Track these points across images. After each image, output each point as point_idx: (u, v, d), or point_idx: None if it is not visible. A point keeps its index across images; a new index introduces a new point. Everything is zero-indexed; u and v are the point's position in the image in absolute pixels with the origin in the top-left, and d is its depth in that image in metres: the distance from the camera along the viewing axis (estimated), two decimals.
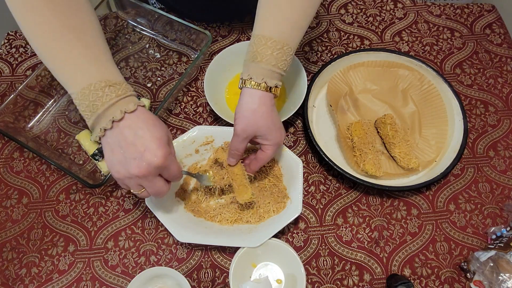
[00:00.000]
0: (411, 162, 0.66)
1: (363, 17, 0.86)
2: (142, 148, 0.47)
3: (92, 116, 0.48)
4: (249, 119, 0.54)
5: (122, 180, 0.50)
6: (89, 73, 0.49)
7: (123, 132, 0.48)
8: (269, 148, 0.57)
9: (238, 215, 0.64)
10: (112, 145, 0.49)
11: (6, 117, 0.70)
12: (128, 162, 0.48)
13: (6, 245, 0.66)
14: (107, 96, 0.47)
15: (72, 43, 0.49)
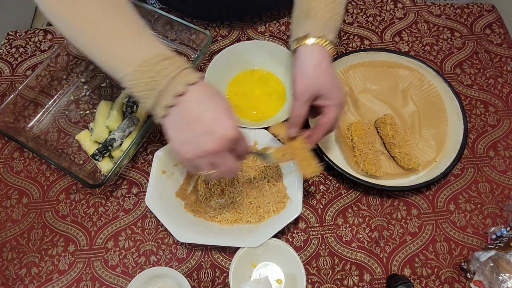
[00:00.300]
0: (411, 162, 0.67)
1: (363, 17, 0.86)
2: (212, 121, 0.43)
3: (153, 94, 0.43)
4: (310, 77, 0.51)
5: (192, 161, 0.45)
6: (141, 49, 0.45)
7: (189, 107, 0.43)
8: (332, 109, 0.53)
9: (238, 215, 0.64)
10: (176, 124, 0.44)
11: (6, 117, 0.70)
12: (199, 139, 0.43)
13: (6, 245, 0.66)
14: (167, 70, 0.43)
15: (118, 22, 0.46)
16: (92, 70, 0.81)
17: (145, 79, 0.43)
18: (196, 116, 0.43)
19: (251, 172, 0.68)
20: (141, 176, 0.71)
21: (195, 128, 0.43)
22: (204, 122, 0.43)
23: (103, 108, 0.74)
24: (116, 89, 0.79)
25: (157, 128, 0.75)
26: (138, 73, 0.43)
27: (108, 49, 0.46)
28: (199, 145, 0.43)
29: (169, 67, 0.43)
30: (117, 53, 0.45)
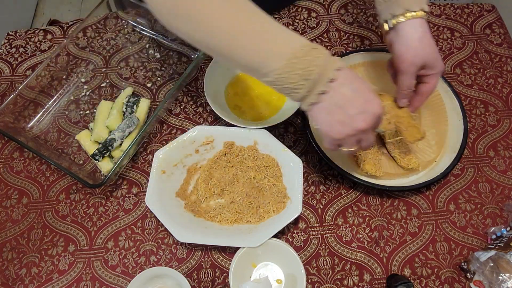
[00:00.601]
0: (411, 162, 0.67)
1: (363, 17, 0.86)
2: (364, 102, 0.47)
3: (307, 83, 0.45)
4: (417, 49, 0.54)
5: (341, 140, 0.49)
6: (287, 42, 0.46)
7: (340, 91, 0.46)
8: (434, 78, 0.57)
9: (238, 215, 0.64)
10: (329, 107, 0.47)
11: (6, 117, 0.70)
12: (352, 118, 0.46)
13: (6, 245, 0.66)
14: (318, 59, 0.45)
15: (261, 18, 0.47)
16: (92, 70, 0.81)
17: (298, 71, 0.45)
18: (347, 98, 0.46)
19: (251, 172, 0.68)
20: (141, 176, 0.71)
21: (348, 109, 0.46)
22: (356, 103, 0.46)
23: (103, 108, 0.74)
24: (116, 89, 0.79)
25: (157, 128, 0.75)
26: (291, 65, 0.45)
27: (253, 46, 0.46)
28: (352, 124, 0.47)
29: (318, 56, 0.45)
30: (264, 49, 0.46)
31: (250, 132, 0.68)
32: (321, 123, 0.49)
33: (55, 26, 0.87)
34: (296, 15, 0.87)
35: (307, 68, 0.45)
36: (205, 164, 0.69)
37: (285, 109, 0.73)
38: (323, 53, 0.46)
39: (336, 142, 0.50)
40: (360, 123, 0.47)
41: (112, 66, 0.81)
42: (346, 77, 0.47)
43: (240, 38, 0.46)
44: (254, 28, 0.46)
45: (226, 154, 0.69)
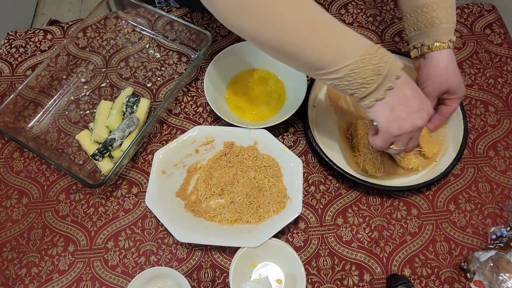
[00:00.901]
0: (411, 162, 0.67)
1: (363, 17, 0.86)
2: (419, 101, 0.50)
3: (378, 79, 0.47)
4: (442, 77, 0.60)
5: (398, 137, 0.52)
6: (358, 39, 0.48)
7: (402, 89, 0.49)
8: (455, 101, 0.63)
9: (238, 215, 0.64)
10: (392, 103, 0.49)
11: (6, 117, 0.70)
12: (412, 116, 0.50)
13: (6, 245, 0.66)
14: (386, 57, 0.48)
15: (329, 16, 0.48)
16: (92, 70, 0.81)
17: (371, 66, 0.47)
18: (408, 97, 0.50)
19: (251, 172, 0.68)
20: (141, 176, 0.71)
21: (409, 106, 0.50)
22: (415, 102, 0.50)
23: (103, 108, 0.74)
24: (116, 89, 0.79)
25: (157, 128, 0.75)
26: (365, 61, 0.47)
27: (328, 42, 0.47)
28: (412, 121, 0.50)
29: (386, 55, 0.48)
30: (338, 44, 0.47)
31: (250, 132, 0.68)
32: (383, 118, 0.51)
33: (55, 26, 0.87)
34: None
35: (379, 64, 0.47)
36: (205, 164, 0.69)
37: (285, 109, 0.73)
38: (388, 52, 0.49)
39: (392, 139, 0.52)
40: (418, 120, 0.50)
41: (112, 66, 0.81)
42: (406, 77, 0.50)
43: (315, 34, 0.47)
44: (327, 25, 0.48)
45: (226, 154, 0.69)
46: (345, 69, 0.47)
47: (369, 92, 0.49)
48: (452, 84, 0.61)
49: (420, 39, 0.62)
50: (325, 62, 0.48)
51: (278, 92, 0.75)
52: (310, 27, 0.47)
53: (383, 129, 0.52)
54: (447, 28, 0.59)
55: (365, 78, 0.47)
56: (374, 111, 0.51)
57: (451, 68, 0.60)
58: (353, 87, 0.49)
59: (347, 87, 0.49)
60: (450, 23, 0.59)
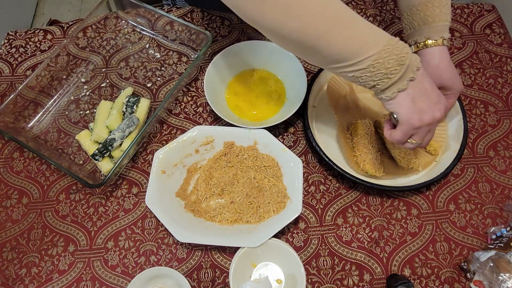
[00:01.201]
0: (411, 162, 0.67)
1: (363, 17, 0.86)
2: (437, 94, 0.51)
3: (401, 69, 0.48)
4: (433, 75, 0.60)
5: (418, 129, 0.52)
6: (379, 31, 0.49)
7: (422, 81, 0.50)
8: (451, 97, 0.62)
9: (238, 215, 0.64)
10: (413, 95, 0.50)
11: (6, 117, 0.70)
12: (432, 108, 0.50)
13: (6, 245, 0.66)
14: (406, 48, 0.48)
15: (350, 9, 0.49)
16: (92, 70, 0.81)
17: (394, 56, 0.47)
18: (427, 89, 0.50)
19: (251, 172, 0.68)
20: (141, 176, 0.71)
21: (429, 98, 0.50)
22: (433, 94, 0.51)
23: (103, 108, 0.74)
24: (116, 89, 0.79)
25: (157, 128, 0.75)
26: (388, 51, 0.47)
27: (352, 33, 0.48)
28: (433, 113, 0.51)
29: (406, 46, 0.48)
30: (362, 35, 0.48)
31: (250, 132, 0.68)
32: (405, 110, 0.51)
33: (55, 26, 0.87)
34: None
35: (401, 54, 0.47)
36: (205, 164, 0.69)
37: (285, 109, 0.73)
38: (406, 45, 0.49)
39: (412, 131, 0.52)
40: (437, 112, 0.51)
41: (112, 66, 0.81)
42: (424, 70, 0.51)
43: (338, 25, 0.47)
44: (350, 16, 0.48)
45: (226, 154, 0.69)
46: (369, 59, 0.47)
47: (392, 83, 0.48)
48: (444, 81, 0.61)
49: (414, 37, 0.63)
50: (348, 54, 0.48)
51: (278, 92, 0.75)
52: (334, 18, 0.47)
53: (404, 121, 0.51)
54: (439, 26, 0.59)
55: (389, 68, 0.47)
56: (396, 103, 0.50)
57: (442, 65, 0.60)
58: (376, 78, 0.48)
59: (369, 78, 0.49)
60: (443, 21, 0.60)
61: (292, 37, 0.48)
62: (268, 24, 0.48)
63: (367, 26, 0.49)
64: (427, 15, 0.60)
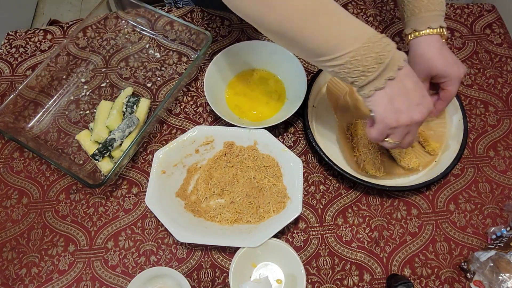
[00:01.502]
0: (411, 162, 0.66)
1: (363, 17, 0.86)
2: (420, 95, 0.50)
3: (379, 67, 0.47)
4: (420, 64, 0.60)
5: (394, 129, 0.51)
6: (361, 27, 0.48)
7: (403, 80, 0.49)
8: (450, 84, 0.60)
9: (238, 215, 0.64)
10: (392, 94, 0.49)
11: (6, 117, 0.70)
12: (411, 109, 0.49)
13: (6, 245, 0.66)
14: (389, 46, 0.47)
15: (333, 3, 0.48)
16: (92, 70, 0.81)
17: (373, 54, 0.46)
18: (408, 89, 0.49)
19: (251, 172, 0.68)
20: (141, 176, 0.71)
21: (409, 99, 0.49)
22: (415, 95, 0.49)
23: (103, 108, 0.74)
24: (116, 89, 0.79)
25: (157, 128, 0.75)
26: (367, 48, 0.46)
27: (330, 27, 0.47)
28: (411, 115, 0.49)
29: (389, 44, 0.48)
30: (341, 31, 0.47)
31: (250, 132, 0.68)
32: (381, 109, 0.50)
33: (55, 26, 0.87)
34: None
35: (381, 53, 0.46)
36: (205, 164, 0.69)
37: (285, 109, 0.73)
38: (392, 42, 0.48)
39: (388, 131, 0.51)
40: (417, 115, 0.49)
41: (112, 66, 0.81)
42: (409, 69, 0.50)
43: (317, 19, 0.47)
44: (331, 11, 0.48)
45: (226, 154, 0.69)
46: (347, 56, 0.47)
47: (369, 81, 0.48)
48: (434, 70, 0.60)
49: (405, 29, 0.63)
50: (327, 48, 0.47)
51: (278, 92, 0.75)
52: (313, 12, 0.47)
53: (379, 120, 0.51)
54: (426, 17, 0.59)
55: (366, 66, 0.47)
56: (373, 101, 0.50)
57: (429, 53, 0.59)
58: (353, 75, 0.48)
59: (347, 74, 0.48)
60: (431, 11, 0.59)
61: (273, 28, 0.49)
62: (252, 15, 0.49)
63: (350, 21, 0.48)
64: (415, 6, 0.60)
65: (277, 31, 0.49)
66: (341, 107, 0.73)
